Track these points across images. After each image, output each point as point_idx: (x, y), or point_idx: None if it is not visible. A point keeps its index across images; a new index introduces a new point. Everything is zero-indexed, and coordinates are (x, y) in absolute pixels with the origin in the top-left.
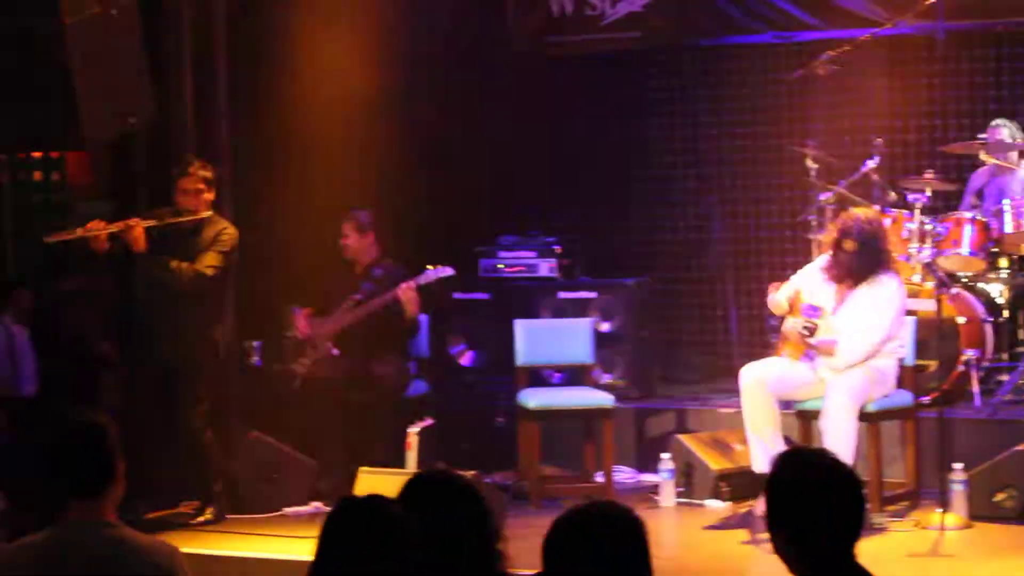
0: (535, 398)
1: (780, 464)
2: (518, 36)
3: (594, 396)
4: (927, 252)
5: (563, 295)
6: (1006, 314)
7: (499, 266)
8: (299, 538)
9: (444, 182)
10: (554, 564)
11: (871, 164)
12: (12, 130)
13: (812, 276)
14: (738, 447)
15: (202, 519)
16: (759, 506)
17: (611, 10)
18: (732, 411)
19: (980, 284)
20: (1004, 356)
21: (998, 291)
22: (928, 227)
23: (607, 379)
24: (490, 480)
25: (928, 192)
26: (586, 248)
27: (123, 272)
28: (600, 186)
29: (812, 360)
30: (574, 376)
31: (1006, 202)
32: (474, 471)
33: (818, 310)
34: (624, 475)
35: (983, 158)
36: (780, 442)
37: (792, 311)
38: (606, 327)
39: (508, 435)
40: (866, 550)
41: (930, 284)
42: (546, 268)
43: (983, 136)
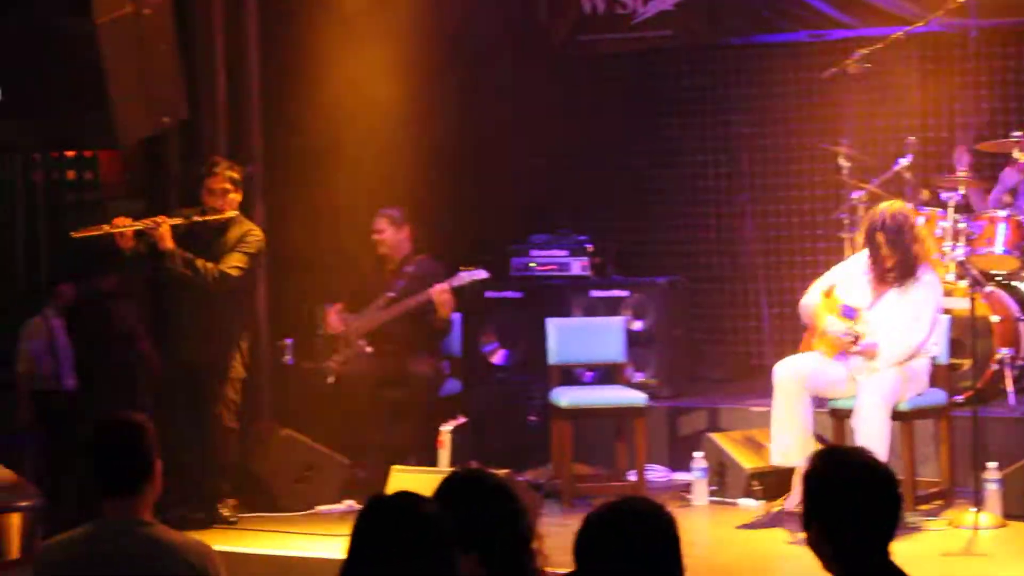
0: (567, 397)
1: (817, 461)
2: (550, 35)
3: (626, 395)
4: (960, 250)
5: (595, 294)
6: None
7: (531, 264)
8: (331, 536)
9: (476, 181)
10: (586, 560)
11: (903, 162)
12: (46, 129)
13: (848, 273)
14: (770, 446)
15: (227, 515)
16: (789, 501)
17: (642, 9)
18: (764, 410)
19: (1014, 282)
20: None
21: None
22: (961, 225)
23: (639, 378)
24: (522, 479)
25: (961, 190)
26: (618, 246)
27: (152, 271)
28: (632, 185)
29: (846, 358)
30: (606, 375)
31: None
32: (506, 470)
33: (855, 311)
34: (656, 474)
35: (1016, 156)
36: (811, 440)
37: (828, 308)
38: (638, 326)
39: (540, 434)
40: (899, 549)
41: (964, 282)
42: (578, 266)
43: (1017, 134)
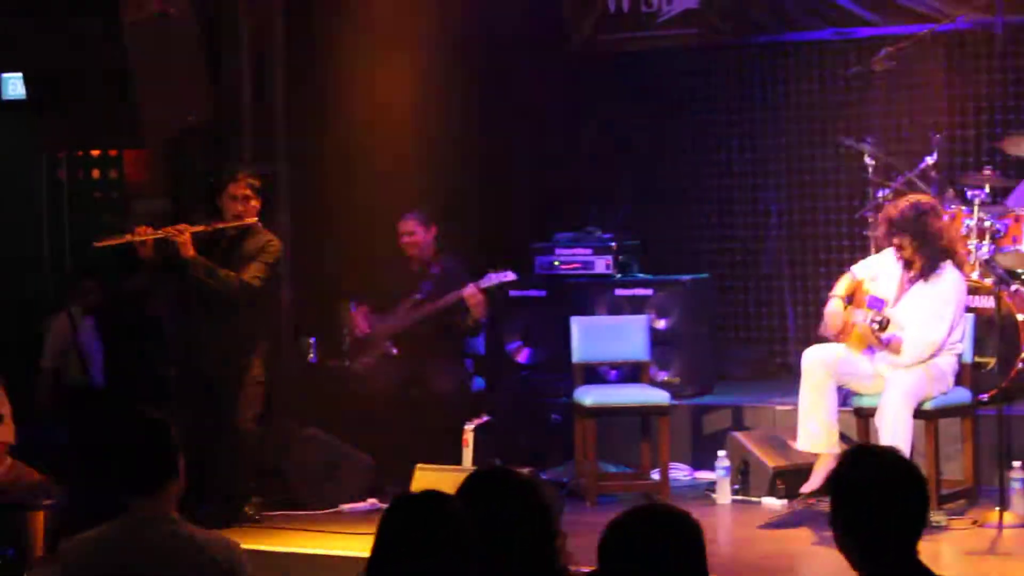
0: (591, 395)
1: (847, 461)
2: (575, 34)
3: (650, 393)
4: (986, 248)
5: (619, 292)
6: None
7: (555, 263)
8: (355, 534)
9: (499, 179)
10: (608, 565)
11: (929, 160)
12: (71, 128)
13: (872, 270)
14: (794, 444)
15: (251, 513)
16: (807, 485)
17: (667, 7)
18: (788, 408)
19: None
20: None
21: None
22: (987, 223)
23: (663, 376)
24: (545, 477)
25: (987, 188)
26: (642, 245)
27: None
28: (657, 183)
29: (873, 354)
30: (630, 373)
31: None
32: (530, 468)
33: (882, 302)
34: (680, 472)
35: None
36: (835, 427)
37: (855, 303)
38: (662, 324)
39: (564, 432)
40: (923, 548)
41: (989, 281)
42: (602, 265)
43: None
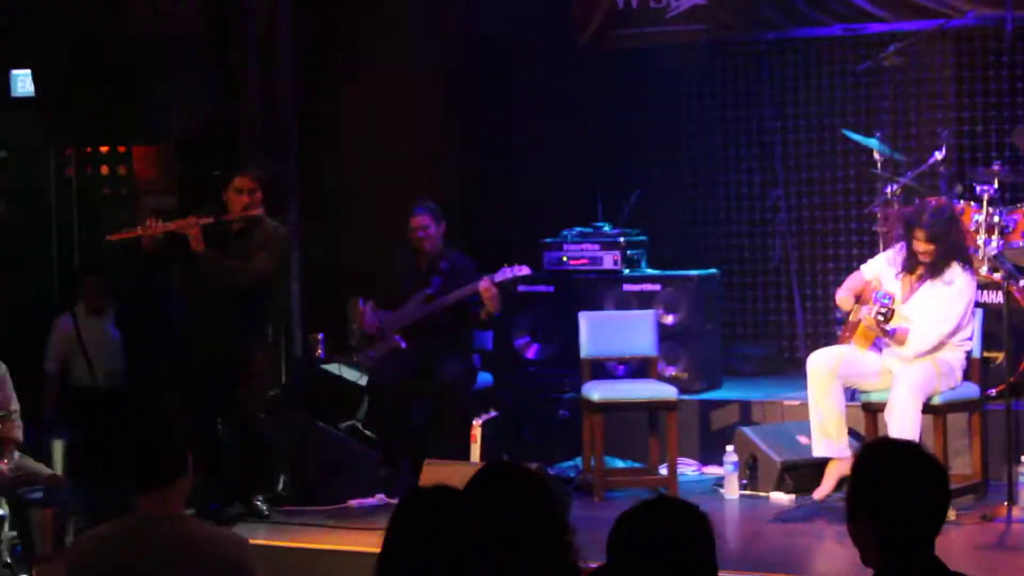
0: (599, 390)
1: (869, 453)
2: (583, 29)
3: (658, 388)
4: (995, 244)
5: (627, 287)
6: None
7: (563, 258)
8: (364, 529)
9: (508, 175)
10: (619, 560)
11: (938, 156)
12: (80, 124)
13: (881, 268)
14: (803, 439)
15: (259, 508)
16: (819, 491)
17: (676, 3)
18: (797, 403)
19: None
20: None
21: None
22: (996, 219)
23: (671, 371)
24: (553, 472)
25: (995, 183)
26: (650, 240)
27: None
28: (665, 178)
29: (880, 351)
30: (638, 368)
31: None
32: (537, 463)
33: (891, 297)
34: (688, 468)
35: None
36: (844, 430)
37: (862, 301)
38: (670, 319)
39: (572, 427)
40: None
41: (998, 276)
42: (610, 260)
43: None
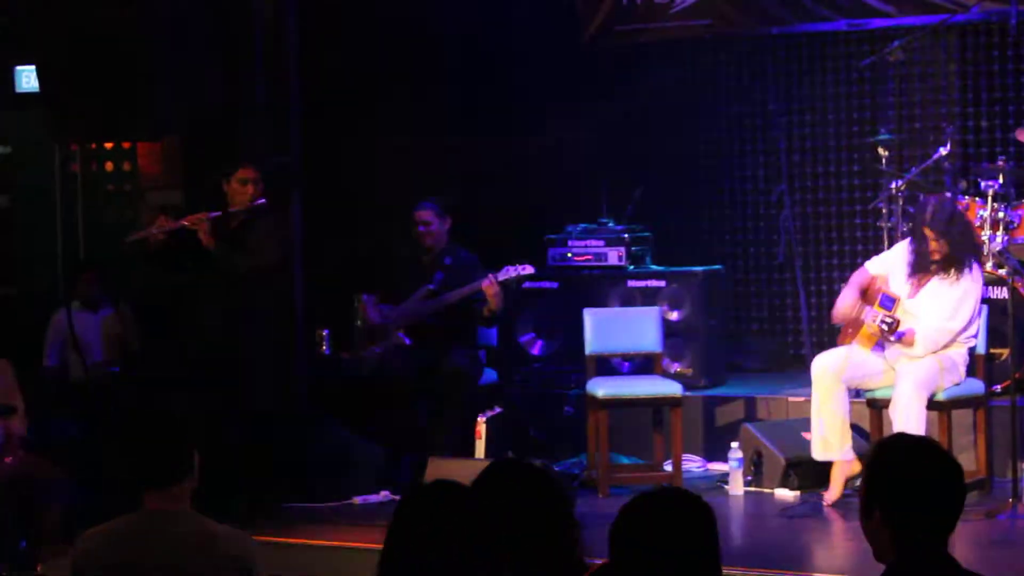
0: (603, 387)
1: (886, 449)
2: (587, 24)
3: (663, 385)
4: (1000, 240)
5: (632, 284)
6: None
7: (568, 255)
8: (368, 525)
9: (512, 170)
10: (622, 551)
11: (943, 151)
12: (84, 120)
13: (888, 264)
14: (807, 436)
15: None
16: (828, 495)
17: None
18: (801, 400)
19: None
20: None
21: None
22: (1001, 215)
23: (676, 368)
24: (558, 468)
25: (1000, 179)
26: (655, 236)
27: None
28: (669, 174)
29: (883, 349)
30: (643, 365)
31: None
32: (542, 460)
33: (894, 300)
34: (693, 464)
35: None
36: (848, 434)
37: (868, 298)
38: (675, 316)
39: (577, 424)
40: None
41: (1003, 271)
42: (615, 257)
43: None
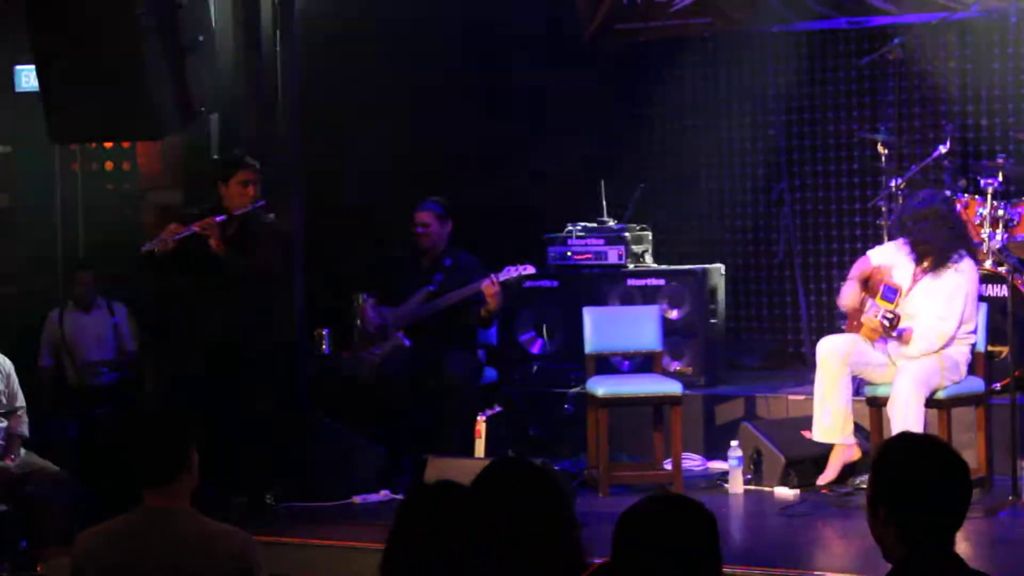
0: (603, 385)
1: (893, 447)
2: (587, 23)
3: (663, 383)
4: (999, 237)
5: (632, 282)
6: None
7: (568, 253)
8: (368, 525)
9: (512, 169)
10: (624, 556)
11: (942, 149)
12: (84, 119)
13: (890, 257)
14: (807, 434)
15: (264, 504)
16: (823, 476)
17: None
18: (801, 398)
19: None
20: None
21: None
22: (1000, 212)
23: (676, 366)
24: (558, 467)
25: (1000, 177)
26: (655, 235)
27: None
28: (669, 173)
29: (886, 343)
30: (643, 363)
31: None
32: (542, 459)
33: (896, 291)
34: (692, 462)
35: None
36: (850, 421)
37: (869, 290)
38: (675, 314)
39: (577, 423)
40: None
41: (1003, 269)
42: (615, 255)
43: None
